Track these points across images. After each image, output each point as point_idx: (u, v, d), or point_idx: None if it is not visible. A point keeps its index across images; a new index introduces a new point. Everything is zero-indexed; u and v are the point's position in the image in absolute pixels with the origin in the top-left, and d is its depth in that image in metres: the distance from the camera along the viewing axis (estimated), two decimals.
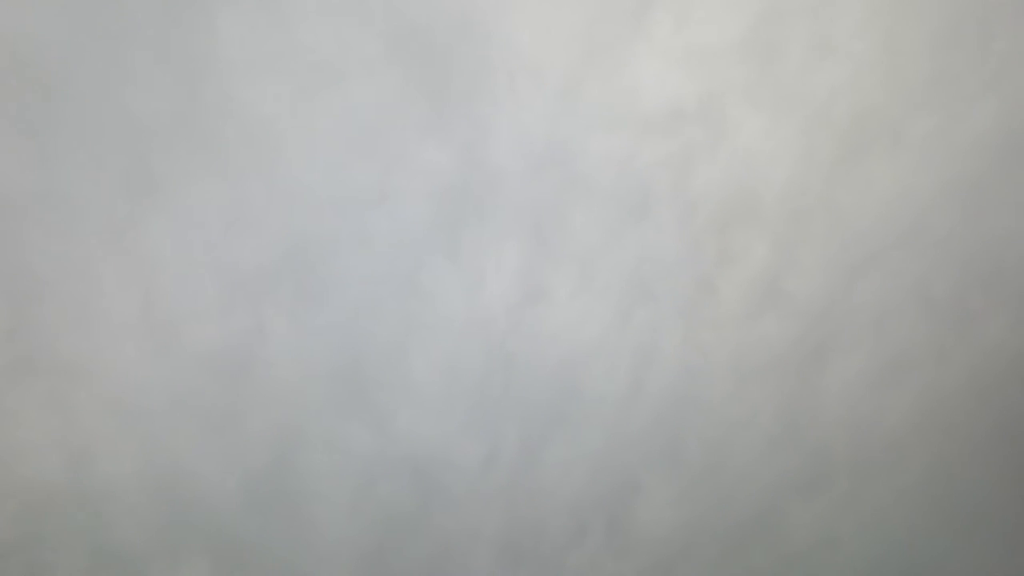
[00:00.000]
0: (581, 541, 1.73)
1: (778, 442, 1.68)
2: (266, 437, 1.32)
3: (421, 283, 1.27)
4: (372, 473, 1.45)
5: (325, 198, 1.13)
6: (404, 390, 1.36)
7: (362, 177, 1.16)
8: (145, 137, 0.97)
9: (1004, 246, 1.42)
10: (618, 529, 1.78)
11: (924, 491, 1.82)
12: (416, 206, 1.21)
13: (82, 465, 1.16)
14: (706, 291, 1.42)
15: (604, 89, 1.18)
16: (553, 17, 1.11)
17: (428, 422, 1.43)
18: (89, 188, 0.96)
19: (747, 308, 1.46)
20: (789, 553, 1.89)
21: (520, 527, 1.70)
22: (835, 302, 1.49)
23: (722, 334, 1.49)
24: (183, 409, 1.22)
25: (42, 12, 0.86)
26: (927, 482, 1.82)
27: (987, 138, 1.32)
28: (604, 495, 1.70)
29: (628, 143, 1.24)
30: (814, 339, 1.52)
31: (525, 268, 1.33)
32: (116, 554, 1.23)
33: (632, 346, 1.47)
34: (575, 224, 1.30)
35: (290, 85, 1.03)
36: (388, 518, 1.51)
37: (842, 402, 1.64)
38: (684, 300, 1.44)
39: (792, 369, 1.57)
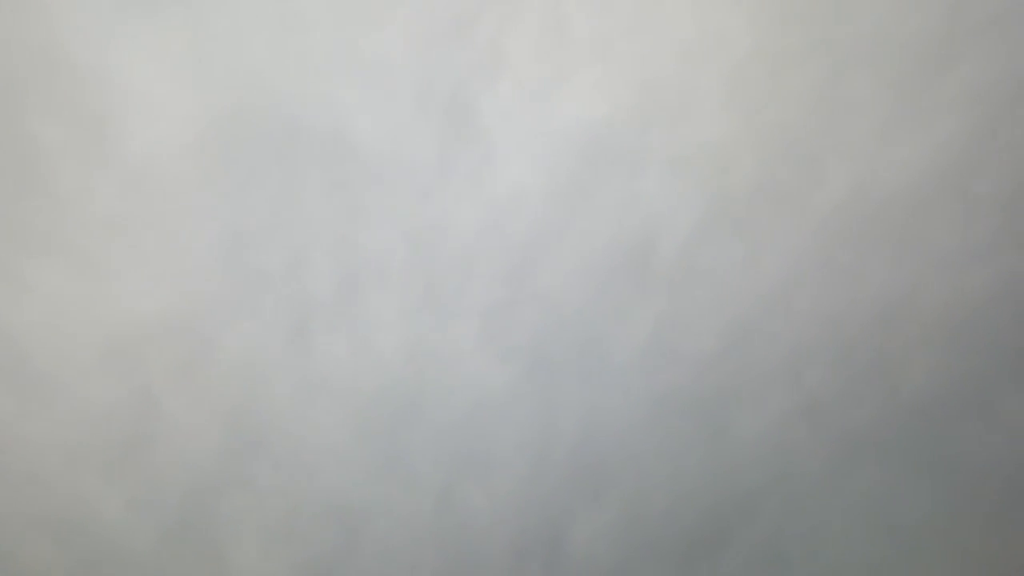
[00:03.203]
0: (521, 572, 1.76)
1: (699, 472, 1.71)
2: (176, 482, 1.32)
3: (313, 340, 1.34)
4: (291, 516, 1.46)
5: (195, 269, 1.20)
6: (309, 440, 1.39)
7: (244, 257, 1.23)
8: None
9: (914, 292, 1.48)
10: (557, 559, 1.80)
11: (869, 508, 1.87)
12: (302, 273, 1.28)
13: None
14: (603, 345, 1.47)
15: (470, 170, 1.23)
16: (405, 114, 1.17)
17: (341, 469, 1.46)
18: None
19: (646, 359, 1.50)
20: (739, 571, 1.92)
21: (456, 564, 1.72)
22: (735, 351, 1.53)
23: (627, 382, 1.52)
24: (80, 462, 1.22)
25: None
26: (871, 500, 1.86)
27: (868, 194, 1.39)
28: (538, 528, 1.72)
29: (502, 213, 1.28)
30: (719, 386, 1.57)
31: (420, 324, 1.40)
32: None
33: (540, 395, 1.51)
34: (466, 286, 1.35)
35: (133, 185, 1.09)
36: (312, 561, 1.51)
37: (761, 440, 1.68)
38: (583, 352, 1.47)
39: (701, 413, 1.61)
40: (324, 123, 1.14)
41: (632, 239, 1.37)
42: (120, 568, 1.38)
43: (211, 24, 1.02)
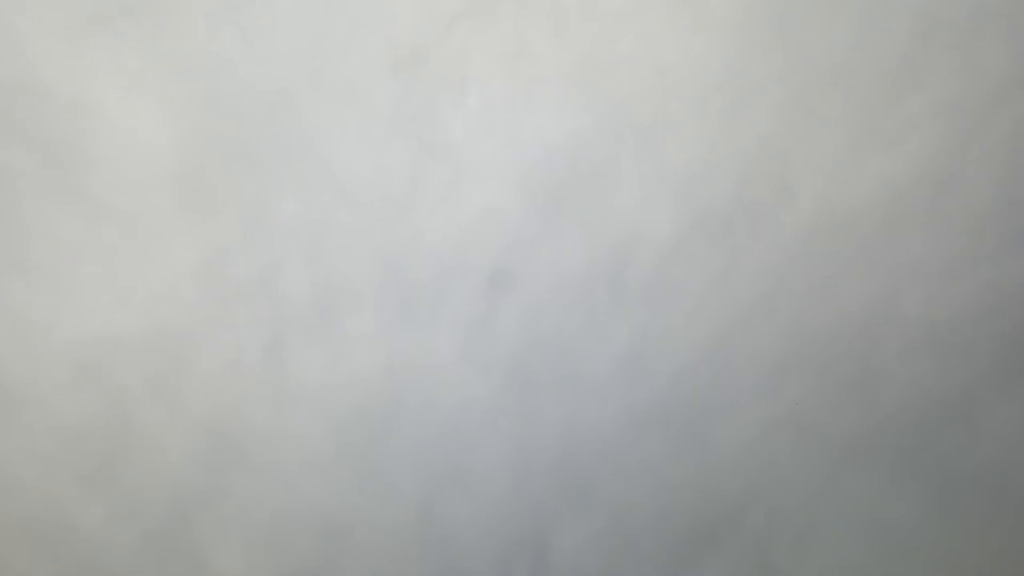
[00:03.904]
0: None
1: (684, 482, 1.72)
2: (155, 494, 1.33)
3: (289, 354, 1.36)
4: (273, 527, 1.47)
5: (168, 286, 1.24)
6: (289, 452, 1.40)
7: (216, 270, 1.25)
8: None
9: (892, 304, 1.48)
10: (542, 569, 1.80)
11: (855, 516, 1.87)
12: (277, 288, 1.30)
13: None
14: (582, 358, 1.47)
15: (442, 188, 1.25)
16: (376, 133, 1.18)
17: (321, 480, 1.46)
18: None
19: (625, 372, 1.50)
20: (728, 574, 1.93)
21: (441, 574, 1.73)
22: (715, 363, 1.54)
23: (607, 395, 1.53)
24: (58, 474, 1.23)
25: None
26: (856, 509, 1.87)
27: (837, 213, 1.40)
28: (523, 538, 1.72)
29: (475, 230, 1.30)
30: (699, 397, 1.58)
31: (397, 338, 1.41)
32: None
33: (520, 407, 1.51)
34: (442, 301, 1.37)
35: (104, 203, 1.14)
36: (294, 572, 1.52)
37: (745, 450, 1.68)
38: (562, 365, 1.48)
39: (683, 424, 1.61)
40: (295, 144, 1.15)
41: (608, 254, 1.38)
42: None
43: (182, 50, 1.03)
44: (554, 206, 1.30)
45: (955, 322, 1.50)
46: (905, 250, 1.39)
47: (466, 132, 1.19)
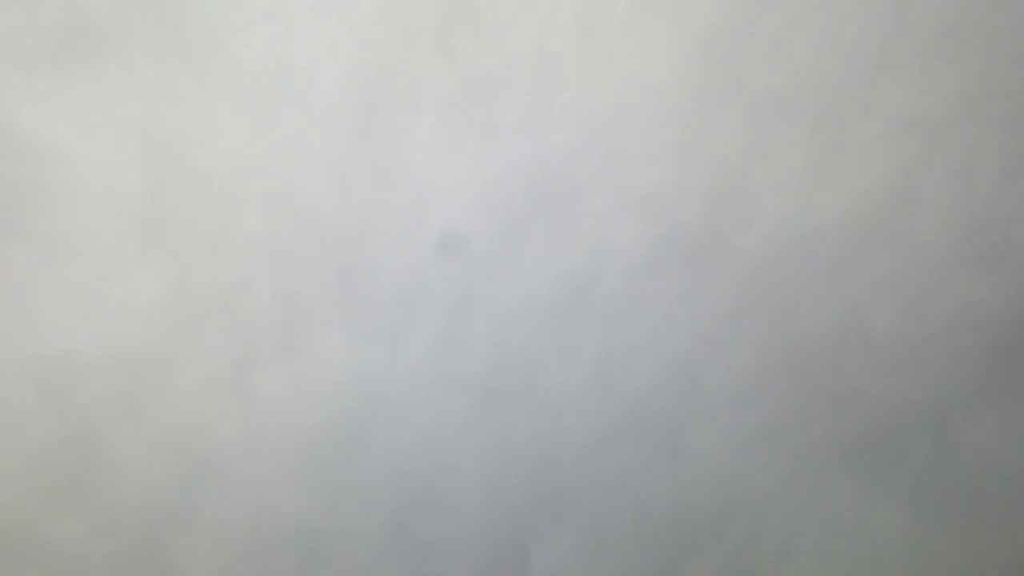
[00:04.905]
0: None
1: (662, 492, 1.72)
2: (126, 511, 1.35)
3: (257, 371, 1.37)
4: (246, 542, 1.47)
5: (131, 309, 1.25)
6: (260, 468, 1.41)
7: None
8: None
9: (864, 319, 1.48)
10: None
11: (838, 524, 1.87)
12: (243, 308, 1.31)
13: None
14: (551, 374, 1.48)
15: (405, 210, 1.27)
16: (337, 155, 1.19)
17: (294, 496, 1.47)
18: None
19: (595, 387, 1.51)
20: None
21: None
22: (686, 377, 1.54)
23: (578, 410, 1.54)
24: (27, 494, 1.24)
25: None
26: (839, 516, 1.87)
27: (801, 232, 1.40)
28: (502, 551, 1.73)
29: (439, 251, 1.33)
30: (670, 411, 1.58)
31: (365, 357, 1.42)
32: None
33: (492, 423, 1.52)
34: (407, 321, 1.38)
35: (61, 230, 1.15)
36: None
37: (723, 460, 1.68)
38: (531, 380, 1.49)
39: (654, 439, 1.62)
40: (256, 165, 1.16)
41: (574, 271, 1.38)
42: None
43: (135, 81, 1.05)
44: (516, 228, 1.31)
45: (924, 338, 1.50)
46: (871, 268, 1.39)
47: (426, 154, 1.20)
